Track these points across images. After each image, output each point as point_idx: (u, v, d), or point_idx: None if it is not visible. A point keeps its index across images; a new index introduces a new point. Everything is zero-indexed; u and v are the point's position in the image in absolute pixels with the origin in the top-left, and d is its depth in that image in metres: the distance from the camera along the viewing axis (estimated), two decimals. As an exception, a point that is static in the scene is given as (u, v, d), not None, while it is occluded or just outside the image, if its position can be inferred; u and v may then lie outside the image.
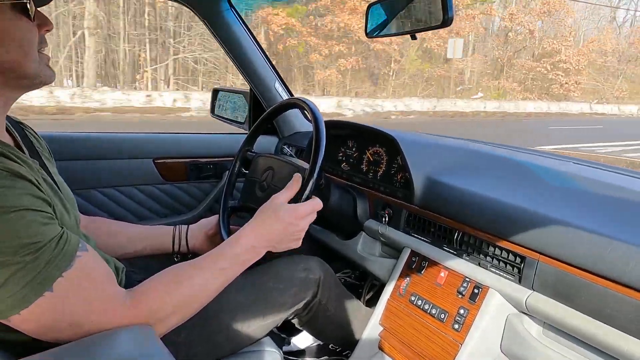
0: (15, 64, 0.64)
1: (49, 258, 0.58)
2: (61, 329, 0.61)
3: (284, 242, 0.83)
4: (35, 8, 0.66)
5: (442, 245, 0.98)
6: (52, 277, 0.58)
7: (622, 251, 0.67)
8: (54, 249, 0.58)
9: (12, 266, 0.55)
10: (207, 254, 0.78)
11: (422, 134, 1.33)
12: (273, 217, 0.82)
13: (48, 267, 0.57)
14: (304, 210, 0.83)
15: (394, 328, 1.01)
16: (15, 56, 0.64)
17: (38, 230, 0.57)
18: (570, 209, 0.81)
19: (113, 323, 0.63)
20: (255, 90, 1.60)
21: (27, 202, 0.57)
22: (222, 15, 1.43)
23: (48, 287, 0.57)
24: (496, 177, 1.02)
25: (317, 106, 0.98)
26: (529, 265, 0.80)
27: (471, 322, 0.86)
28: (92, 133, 1.45)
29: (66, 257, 0.60)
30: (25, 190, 0.58)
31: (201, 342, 0.87)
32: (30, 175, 0.60)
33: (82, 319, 0.61)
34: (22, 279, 0.56)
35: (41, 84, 0.69)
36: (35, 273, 0.56)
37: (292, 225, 0.82)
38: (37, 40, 0.67)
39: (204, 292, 0.74)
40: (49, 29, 0.69)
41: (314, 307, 1.04)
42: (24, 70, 0.65)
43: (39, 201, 0.60)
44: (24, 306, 0.57)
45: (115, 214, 1.45)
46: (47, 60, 0.70)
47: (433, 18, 0.99)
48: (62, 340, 0.61)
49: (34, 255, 0.56)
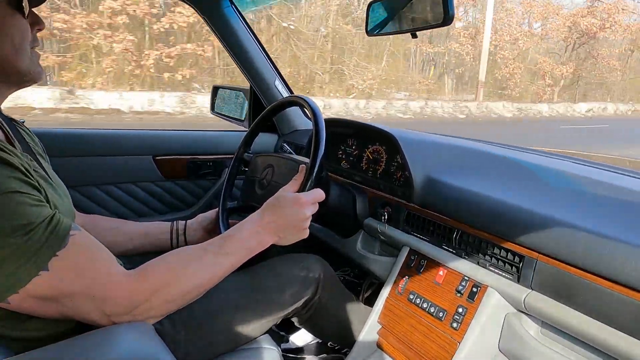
0: (7, 59, 0.65)
1: (41, 238, 0.58)
2: (63, 306, 0.61)
3: (289, 232, 0.83)
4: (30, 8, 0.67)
5: (441, 244, 0.98)
6: (47, 256, 0.59)
7: (621, 251, 0.67)
8: (45, 228, 0.59)
9: (5, 248, 0.56)
10: (213, 239, 0.78)
11: (422, 132, 1.33)
12: (277, 205, 0.83)
13: (42, 247, 0.58)
14: (306, 198, 0.84)
15: (393, 326, 1.01)
16: (8, 51, 0.65)
17: (28, 211, 0.58)
18: (569, 209, 0.81)
19: (116, 297, 0.64)
20: (255, 87, 1.60)
21: (15, 185, 0.58)
22: (222, 13, 1.43)
23: (44, 266, 0.58)
24: (496, 177, 1.02)
25: (316, 104, 0.98)
26: (527, 264, 0.80)
27: (469, 321, 0.86)
28: (91, 129, 1.45)
29: (59, 236, 0.60)
30: (12, 175, 0.59)
31: (200, 340, 0.87)
32: (19, 163, 0.61)
33: (84, 296, 0.62)
34: (17, 260, 0.57)
35: (31, 81, 0.70)
36: (29, 254, 0.57)
37: (295, 213, 0.82)
38: (30, 38, 0.68)
39: (208, 275, 0.74)
40: (40, 28, 0.71)
41: (314, 305, 1.04)
42: (16, 66, 0.66)
43: (28, 186, 0.61)
44: (21, 286, 0.58)
45: (114, 210, 1.45)
46: (37, 58, 0.71)
47: (434, 16, 0.99)
48: (69, 317, 0.62)
49: (26, 237, 0.57)
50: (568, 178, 0.99)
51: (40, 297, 0.59)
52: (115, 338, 0.58)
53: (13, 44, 0.65)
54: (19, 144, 0.74)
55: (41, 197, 0.62)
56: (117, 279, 0.65)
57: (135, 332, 0.61)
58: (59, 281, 0.60)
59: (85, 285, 0.62)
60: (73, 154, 1.36)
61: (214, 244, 0.77)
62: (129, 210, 1.48)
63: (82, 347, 0.57)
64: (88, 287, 0.62)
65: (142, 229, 1.05)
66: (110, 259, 0.67)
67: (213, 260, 0.75)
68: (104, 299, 0.63)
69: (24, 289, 0.58)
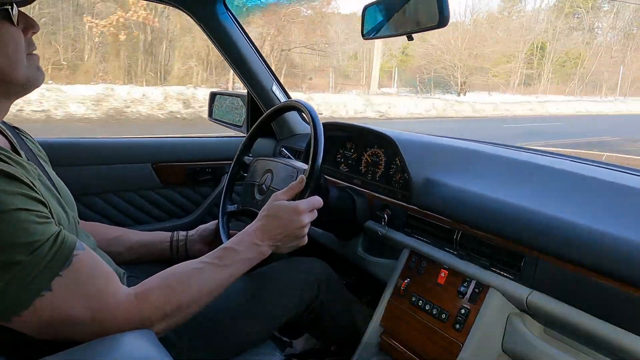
0: (2, 72, 0.63)
1: (45, 257, 0.57)
2: (65, 328, 0.60)
3: (287, 241, 0.83)
4: (18, 11, 0.64)
5: (442, 245, 0.98)
6: (50, 277, 0.58)
7: (622, 248, 0.67)
8: (50, 247, 0.58)
9: (9, 267, 0.55)
10: (211, 252, 0.78)
11: (419, 134, 1.34)
12: (273, 214, 0.83)
13: (45, 267, 0.57)
14: (303, 206, 0.84)
15: (395, 329, 1.01)
16: (2, 64, 0.63)
17: (33, 229, 0.57)
18: (569, 207, 0.81)
19: (117, 320, 0.63)
20: (253, 93, 1.60)
21: (21, 202, 0.57)
22: (218, 19, 1.43)
23: (46, 287, 0.57)
24: (494, 176, 1.02)
25: (314, 108, 0.98)
26: (528, 264, 0.80)
27: (472, 322, 0.86)
28: (90, 138, 1.45)
29: (63, 256, 0.59)
30: (18, 191, 0.58)
31: (202, 347, 0.87)
32: (24, 177, 0.60)
33: (86, 316, 0.61)
34: (20, 280, 0.55)
35: (32, 87, 0.68)
36: (33, 273, 0.56)
37: (292, 222, 0.82)
38: (25, 44, 0.66)
39: (207, 289, 0.74)
40: (35, 31, 0.68)
41: (316, 308, 1.04)
42: (12, 78, 0.65)
43: (33, 202, 0.60)
44: (23, 307, 0.56)
45: (114, 219, 1.45)
46: (37, 61, 0.69)
47: (429, 18, 0.99)
48: (68, 339, 0.61)
49: (30, 255, 0.56)
50: (566, 176, 0.99)
51: (42, 317, 0.58)
52: (118, 346, 0.58)
53: (7, 55, 0.63)
54: (24, 152, 0.74)
55: (46, 213, 0.61)
56: (119, 300, 0.64)
57: (137, 340, 0.60)
58: (61, 302, 0.59)
59: (87, 306, 0.61)
60: (72, 163, 1.36)
61: (213, 257, 0.77)
62: (129, 218, 1.48)
63: (83, 356, 0.57)
64: (90, 308, 0.61)
65: (142, 238, 1.05)
66: (112, 278, 0.66)
67: (212, 274, 0.74)
68: (104, 321, 0.62)
69: (27, 310, 0.57)
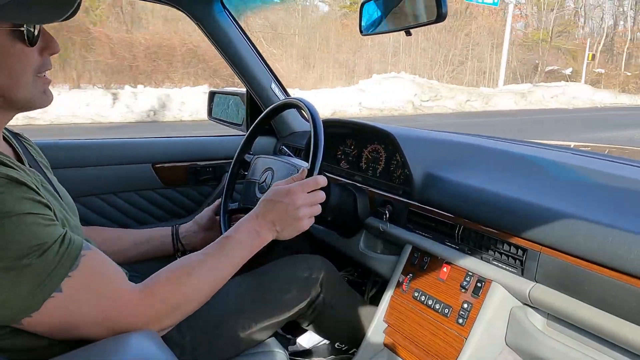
0: (3, 89, 0.63)
1: (54, 259, 0.58)
2: (77, 328, 0.61)
3: (286, 224, 0.84)
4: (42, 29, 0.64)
5: (444, 240, 0.98)
6: (60, 278, 0.58)
7: (624, 240, 0.67)
8: (58, 249, 0.59)
9: (18, 270, 0.55)
10: (212, 243, 0.79)
11: (419, 129, 1.33)
12: (270, 199, 0.84)
13: (54, 269, 0.58)
14: (296, 187, 0.84)
15: (399, 324, 1.01)
16: (3, 82, 0.62)
17: (41, 232, 0.58)
18: (570, 200, 0.81)
19: (128, 317, 0.64)
20: (252, 91, 1.60)
21: (27, 206, 0.58)
22: (215, 18, 1.43)
23: (56, 288, 0.58)
24: (495, 170, 1.02)
25: (314, 105, 0.98)
26: (531, 257, 0.80)
27: (475, 316, 0.86)
28: (89, 140, 1.45)
29: (71, 257, 0.60)
30: (24, 195, 0.58)
31: (206, 345, 0.87)
32: (28, 181, 0.60)
33: (97, 315, 0.62)
34: (30, 283, 0.56)
35: (33, 108, 0.67)
36: (42, 275, 0.57)
37: (287, 205, 0.83)
38: (36, 64, 0.64)
39: (212, 279, 0.74)
40: (53, 52, 0.66)
41: (318, 305, 1.04)
42: (12, 96, 0.64)
43: (39, 205, 0.60)
44: (34, 309, 0.57)
45: (115, 220, 1.45)
46: (45, 84, 0.67)
47: (427, 14, 0.99)
48: (80, 338, 0.62)
49: (39, 258, 0.57)
50: (567, 169, 0.99)
51: (53, 318, 0.59)
52: (122, 346, 0.58)
53: (10, 74, 0.62)
54: (27, 159, 0.74)
55: (52, 216, 0.62)
56: (128, 297, 0.65)
57: (141, 339, 0.61)
58: (71, 302, 0.59)
59: (97, 304, 0.62)
60: (72, 164, 1.36)
61: (214, 247, 0.78)
62: (130, 219, 1.48)
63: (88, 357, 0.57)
64: (100, 306, 0.62)
65: (144, 235, 1.05)
66: (120, 276, 0.67)
67: (215, 263, 0.75)
68: (116, 319, 0.63)
69: (38, 312, 0.57)
